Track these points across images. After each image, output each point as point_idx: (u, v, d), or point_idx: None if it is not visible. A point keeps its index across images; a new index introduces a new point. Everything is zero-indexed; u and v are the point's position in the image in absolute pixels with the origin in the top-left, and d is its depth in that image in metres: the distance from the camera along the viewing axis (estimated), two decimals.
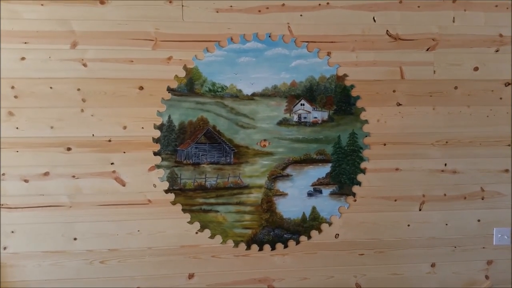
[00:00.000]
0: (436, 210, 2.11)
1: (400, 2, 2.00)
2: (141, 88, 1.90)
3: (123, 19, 1.88)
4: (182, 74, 1.92)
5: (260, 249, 2.04)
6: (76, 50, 1.86)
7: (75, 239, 1.94)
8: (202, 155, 1.96)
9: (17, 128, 1.86)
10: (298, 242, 2.06)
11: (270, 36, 1.95)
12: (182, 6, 1.90)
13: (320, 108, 2.00)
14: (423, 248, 2.12)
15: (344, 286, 2.10)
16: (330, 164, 2.03)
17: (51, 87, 1.86)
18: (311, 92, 1.99)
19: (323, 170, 2.03)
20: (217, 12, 1.92)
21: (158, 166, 1.94)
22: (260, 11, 1.94)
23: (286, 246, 2.05)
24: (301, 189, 2.03)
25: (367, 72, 2.01)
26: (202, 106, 1.94)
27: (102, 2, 1.86)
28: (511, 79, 2.08)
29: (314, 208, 2.04)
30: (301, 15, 1.96)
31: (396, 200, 2.08)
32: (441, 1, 2.02)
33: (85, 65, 1.87)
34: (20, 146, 1.87)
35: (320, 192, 2.04)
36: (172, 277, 2.00)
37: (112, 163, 1.92)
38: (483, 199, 2.13)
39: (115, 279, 1.97)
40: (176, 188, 1.96)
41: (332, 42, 1.98)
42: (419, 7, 2.01)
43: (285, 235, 2.04)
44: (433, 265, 2.14)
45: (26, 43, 1.84)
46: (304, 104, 1.99)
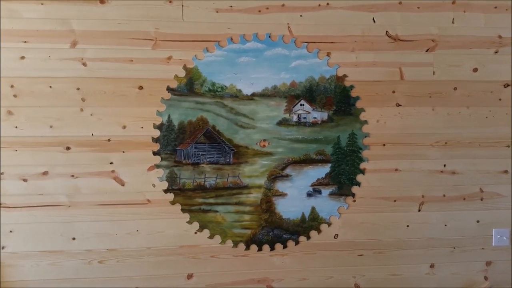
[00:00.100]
0: (435, 210, 2.11)
1: (400, 3, 2.01)
2: (140, 87, 1.90)
3: (123, 19, 1.88)
4: (182, 74, 1.92)
5: (259, 249, 2.03)
6: (76, 49, 1.86)
7: (73, 238, 1.93)
8: (201, 155, 1.96)
9: (16, 127, 1.86)
10: (297, 243, 2.05)
11: (270, 36, 1.95)
12: (182, 6, 1.90)
13: (319, 108, 2.01)
14: (422, 249, 2.12)
15: (343, 287, 2.10)
16: (330, 165, 2.03)
17: (50, 86, 1.86)
18: (311, 93, 1.99)
19: (323, 171, 2.03)
20: (217, 12, 1.92)
21: (158, 166, 1.94)
22: (260, 11, 1.94)
23: (285, 247, 2.05)
24: (300, 189, 2.03)
25: (366, 72, 2.01)
26: (201, 106, 1.94)
27: (102, 2, 1.86)
28: (511, 80, 2.09)
29: (313, 208, 2.04)
30: (301, 16, 1.96)
31: (395, 201, 2.08)
32: (440, 2, 2.03)
33: (84, 64, 1.87)
34: (19, 145, 1.87)
35: (320, 192, 2.04)
36: (171, 277, 2.00)
37: (111, 163, 1.92)
38: (482, 200, 2.13)
39: (114, 279, 1.97)
40: (175, 188, 1.96)
41: (332, 43, 1.99)
42: (418, 8, 2.02)
43: (284, 235, 2.04)
44: (432, 265, 2.14)
45: (25, 42, 1.83)
46: (303, 105, 1.99)
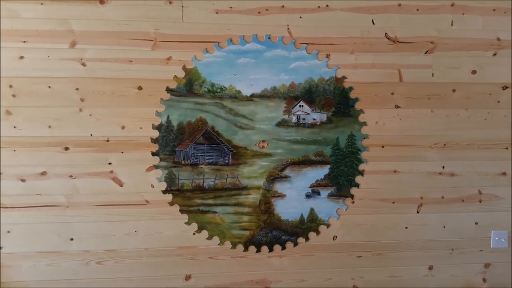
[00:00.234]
0: (433, 212, 2.11)
1: (399, 5, 2.01)
2: (140, 88, 1.90)
3: (123, 19, 1.88)
4: (181, 74, 1.92)
5: (258, 250, 2.03)
6: (75, 49, 1.86)
7: (71, 239, 1.93)
8: (200, 155, 1.96)
9: (14, 127, 1.85)
10: (295, 244, 2.05)
11: (269, 38, 1.96)
12: (182, 7, 1.90)
13: (318, 109, 2.01)
14: (421, 251, 2.12)
15: None
16: (329, 166, 2.03)
17: (49, 87, 1.86)
18: (310, 94, 1.99)
19: (322, 172, 2.03)
20: (216, 13, 1.92)
21: (156, 167, 1.94)
22: (259, 12, 1.94)
23: (283, 248, 2.04)
24: (299, 190, 2.03)
25: (365, 74, 2.01)
26: (201, 107, 1.94)
27: (102, 2, 1.86)
28: (509, 82, 2.10)
29: (312, 209, 2.04)
30: (300, 17, 1.96)
31: (394, 202, 2.08)
32: (439, 4, 2.03)
33: (84, 64, 1.87)
34: (17, 145, 1.86)
35: (318, 193, 2.04)
36: (169, 278, 1.99)
37: (109, 163, 1.91)
38: (480, 202, 2.13)
39: (112, 280, 1.96)
40: (174, 189, 1.95)
41: (331, 44, 1.99)
42: (418, 10, 2.02)
43: (283, 237, 2.04)
44: (430, 267, 2.14)
45: (25, 42, 1.83)
46: (303, 106, 1.99)
